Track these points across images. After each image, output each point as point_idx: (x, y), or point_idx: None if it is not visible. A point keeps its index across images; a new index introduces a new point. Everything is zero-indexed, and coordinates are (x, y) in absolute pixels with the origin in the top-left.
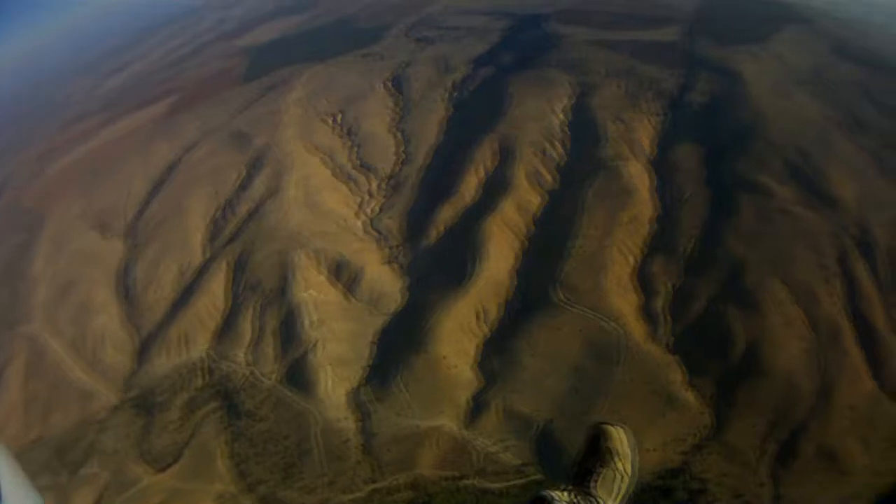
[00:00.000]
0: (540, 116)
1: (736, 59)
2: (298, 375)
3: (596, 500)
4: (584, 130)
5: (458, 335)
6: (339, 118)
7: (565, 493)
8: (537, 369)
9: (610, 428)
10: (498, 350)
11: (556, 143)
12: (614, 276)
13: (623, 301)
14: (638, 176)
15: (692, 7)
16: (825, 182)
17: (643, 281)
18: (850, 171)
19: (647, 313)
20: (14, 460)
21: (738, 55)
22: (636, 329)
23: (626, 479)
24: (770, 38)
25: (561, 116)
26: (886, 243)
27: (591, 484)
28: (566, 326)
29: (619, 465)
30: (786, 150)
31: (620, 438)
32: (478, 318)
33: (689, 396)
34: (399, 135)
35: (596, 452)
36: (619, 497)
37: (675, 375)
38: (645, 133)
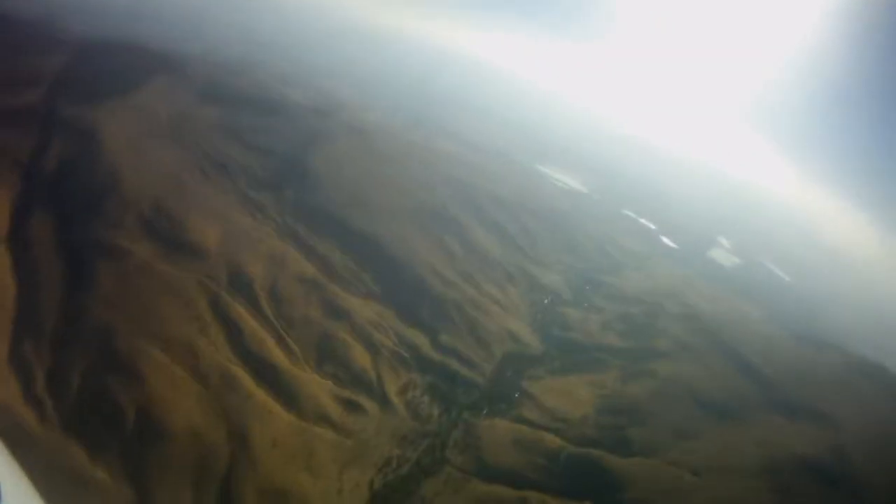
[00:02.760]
0: None
1: (95, 118)
2: None
3: None
4: None
5: None
6: None
7: None
8: None
9: None
10: None
11: None
12: None
13: (6, 389)
14: None
15: (60, 63)
16: (184, 232)
17: (19, 365)
18: (211, 215)
19: (31, 397)
20: (14, 460)
21: (98, 112)
22: (27, 415)
23: None
24: (136, 89)
25: None
26: (261, 278)
27: None
28: None
29: None
30: (140, 206)
31: None
32: None
33: (101, 474)
34: None
35: None
36: None
37: (80, 455)
38: (1, 209)
